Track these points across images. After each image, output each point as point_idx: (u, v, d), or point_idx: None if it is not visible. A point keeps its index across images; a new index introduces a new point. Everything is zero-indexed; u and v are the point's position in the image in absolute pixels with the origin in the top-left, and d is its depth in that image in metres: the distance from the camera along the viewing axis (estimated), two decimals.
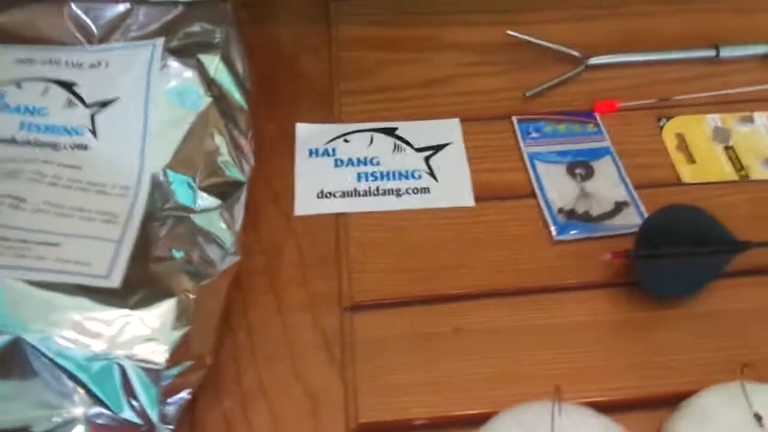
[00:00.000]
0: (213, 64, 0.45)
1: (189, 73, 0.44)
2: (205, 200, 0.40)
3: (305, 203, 0.50)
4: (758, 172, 0.51)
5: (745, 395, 0.37)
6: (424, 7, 0.64)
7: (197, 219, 0.40)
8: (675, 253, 0.43)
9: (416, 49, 0.62)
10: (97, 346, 0.33)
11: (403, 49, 0.62)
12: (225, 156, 0.43)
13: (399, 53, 0.61)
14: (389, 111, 0.56)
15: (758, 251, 0.45)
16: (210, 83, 0.45)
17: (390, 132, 0.54)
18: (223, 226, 0.41)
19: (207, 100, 0.44)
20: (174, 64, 0.45)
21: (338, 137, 0.54)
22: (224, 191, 0.42)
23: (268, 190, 0.51)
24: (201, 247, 0.38)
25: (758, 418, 0.36)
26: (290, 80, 0.59)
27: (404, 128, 0.55)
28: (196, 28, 0.47)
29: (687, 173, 0.52)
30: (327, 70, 0.59)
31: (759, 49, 0.59)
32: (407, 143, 0.54)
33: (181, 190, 0.41)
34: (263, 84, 0.57)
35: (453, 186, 0.51)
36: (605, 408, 0.39)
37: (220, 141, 0.43)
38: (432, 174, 0.52)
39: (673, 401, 0.40)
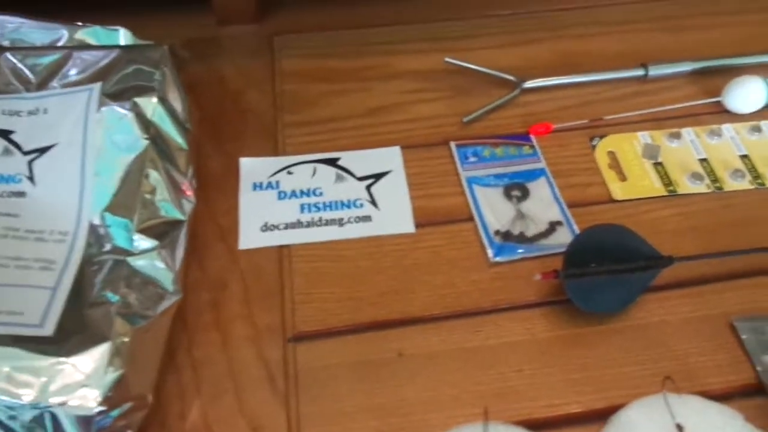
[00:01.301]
0: (150, 106, 0.46)
1: (126, 117, 0.45)
2: (143, 242, 0.41)
3: (249, 237, 0.51)
4: (685, 187, 0.54)
5: (668, 407, 0.39)
6: (366, 38, 0.66)
7: (135, 261, 0.40)
8: (601, 270, 0.44)
9: (359, 79, 0.63)
10: (29, 396, 0.33)
11: (346, 79, 0.63)
12: (163, 196, 0.44)
13: (342, 84, 0.63)
14: (332, 141, 0.58)
15: (682, 264, 0.47)
16: (148, 125, 0.46)
17: (332, 162, 0.56)
18: (162, 266, 0.41)
19: (144, 143, 0.45)
20: (111, 107, 0.46)
21: (281, 170, 0.55)
22: (163, 232, 0.43)
23: (215, 226, 0.52)
24: (138, 289, 0.39)
25: (680, 428, 0.38)
26: (235, 115, 0.60)
27: (346, 158, 0.56)
28: (132, 70, 0.48)
29: (618, 190, 0.54)
30: (271, 103, 0.61)
31: (685, 67, 0.61)
32: (349, 173, 0.55)
33: (118, 233, 0.41)
34: (209, 121, 0.59)
35: (394, 213, 0.52)
36: (539, 425, 0.41)
37: (157, 182, 0.44)
38: (373, 202, 0.53)
39: (604, 416, 0.41)
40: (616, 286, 0.45)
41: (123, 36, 0.53)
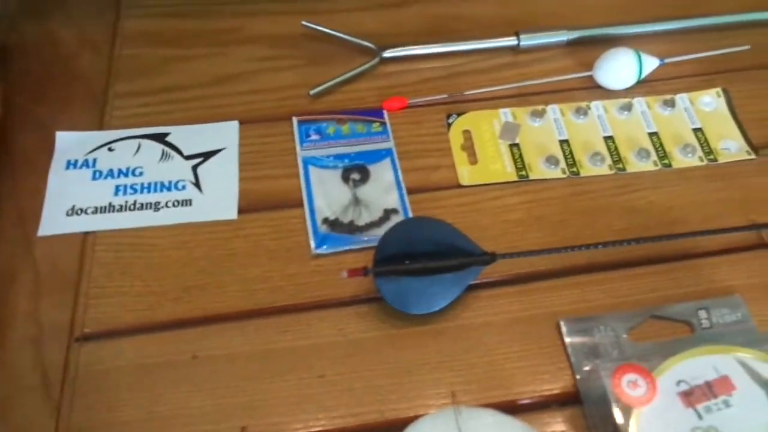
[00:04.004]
0: None
1: None
2: None
3: (51, 222, 0.46)
4: (539, 171, 0.49)
5: (456, 421, 0.35)
6: None
7: None
8: (416, 268, 0.40)
9: (209, 43, 0.57)
10: None
11: (195, 44, 0.57)
12: None
13: (190, 49, 0.57)
14: (166, 114, 0.52)
15: (514, 260, 0.43)
16: None
17: (160, 138, 0.51)
18: None
19: None
20: None
21: (102, 146, 0.50)
22: None
23: (13, 210, 0.47)
24: None
25: None
26: (63, 83, 0.54)
27: (177, 133, 0.51)
28: None
29: (466, 174, 0.49)
30: (105, 69, 0.55)
31: (560, 36, 0.56)
32: (177, 150, 0.50)
33: None
34: (31, 90, 0.53)
35: (217, 197, 0.48)
36: None
37: None
38: (197, 184, 0.48)
39: (401, 427, 0.38)
40: (434, 285, 0.41)
41: None
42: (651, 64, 0.53)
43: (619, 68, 0.52)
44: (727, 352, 0.36)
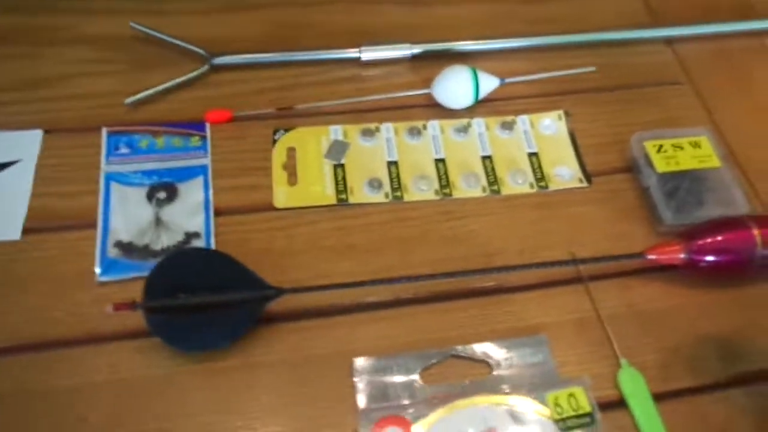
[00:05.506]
0: None
1: None
2: None
3: None
4: (361, 196, 0.46)
5: None
6: None
7: None
8: (190, 304, 0.37)
9: (30, 42, 0.53)
10: None
11: (14, 42, 0.53)
12: None
13: (7, 47, 0.52)
14: None
15: (318, 294, 0.40)
16: None
17: None
18: None
19: None
20: None
21: None
22: None
23: None
24: None
25: None
26: None
27: None
28: None
29: (282, 196, 0.46)
30: None
31: (404, 51, 0.53)
32: None
33: None
34: None
35: (1, 215, 0.44)
36: None
37: None
38: None
39: None
40: (212, 321, 0.38)
41: None
42: (489, 83, 0.50)
43: (456, 87, 0.50)
44: (498, 402, 0.34)
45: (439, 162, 0.48)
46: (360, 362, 0.39)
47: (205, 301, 0.37)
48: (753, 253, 0.41)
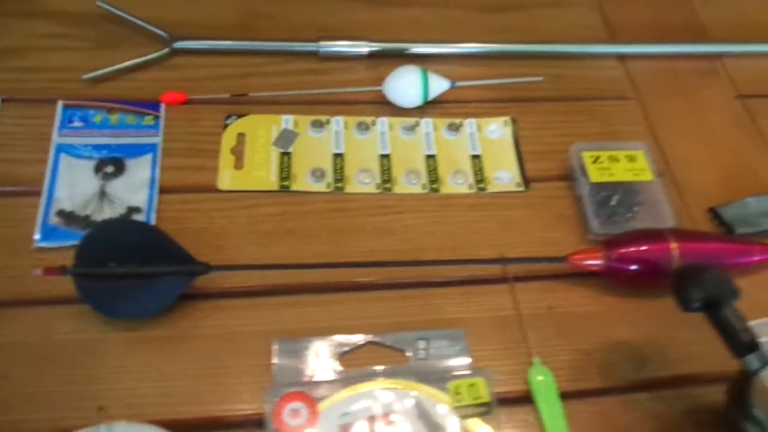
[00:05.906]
0: None
1: None
2: None
3: None
4: (303, 184, 0.48)
5: None
6: None
7: None
8: (120, 272, 0.38)
9: None
10: None
11: None
12: None
13: None
14: None
15: (245, 273, 0.42)
16: None
17: None
18: None
19: None
20: None
21: None
22: None
23: None
24: None
25: None
26: None
27: None
28: None
29: (227, 179, 0.47)
30: None
31: (361, 48, 0.54)
32: None
33: None
34: None
35: None
36: None
37: None
38: None
39: None
40: (141, 291, 0.39)
41: None
42: (439, 84, 0.52)
43: (406, 86, 0.51)
44: (407, 388, 0.35)
45: (384, 158, 0.50)
46: (279, 342, 0.40)
47: (133, 271, 0.38)
48: (669, 265, 0.43)
